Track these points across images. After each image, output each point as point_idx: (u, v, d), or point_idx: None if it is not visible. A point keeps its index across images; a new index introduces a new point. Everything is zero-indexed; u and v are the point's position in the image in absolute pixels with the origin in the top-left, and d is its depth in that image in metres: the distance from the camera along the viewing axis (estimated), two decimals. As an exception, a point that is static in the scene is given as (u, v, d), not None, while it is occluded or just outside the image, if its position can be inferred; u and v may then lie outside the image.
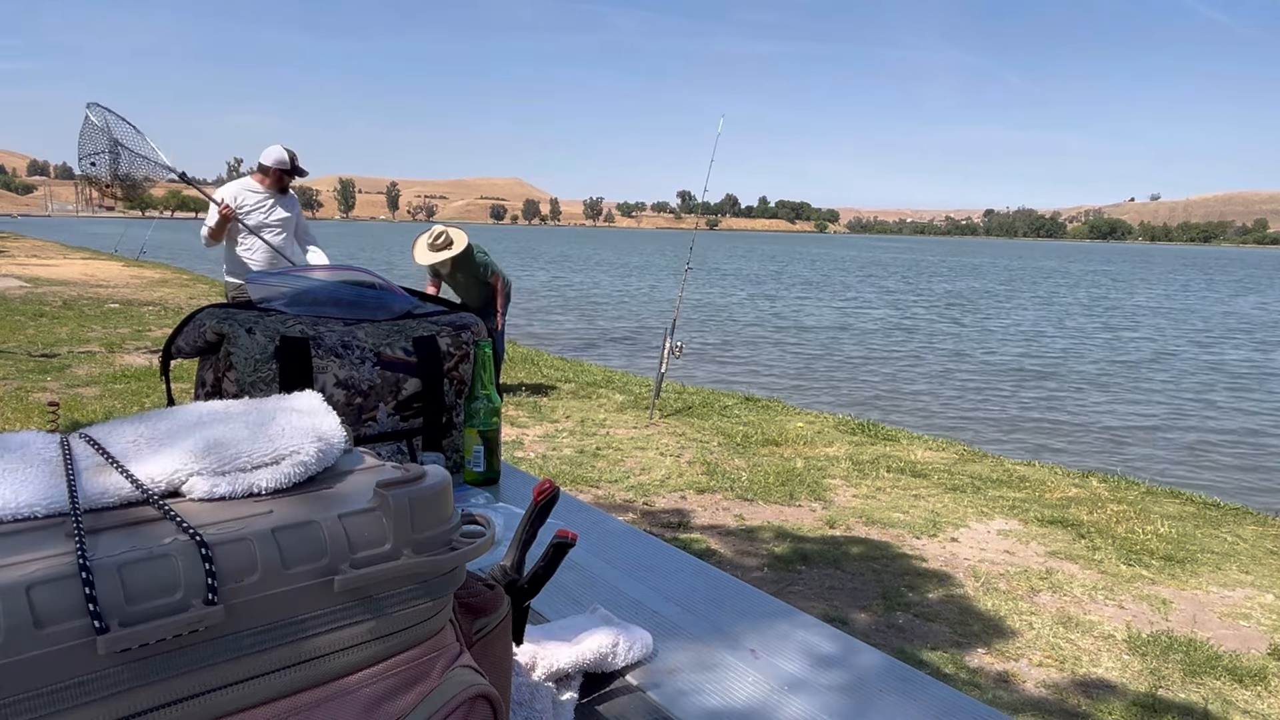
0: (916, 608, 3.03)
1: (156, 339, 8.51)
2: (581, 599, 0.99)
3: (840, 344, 12.70)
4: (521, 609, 0.67)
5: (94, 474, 0.49)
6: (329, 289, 1.28)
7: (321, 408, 0.59)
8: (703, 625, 0.94)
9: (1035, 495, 4.47)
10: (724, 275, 29.21)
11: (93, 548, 0.42)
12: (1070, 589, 3.24)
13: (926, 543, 3.70)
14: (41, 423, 4.88)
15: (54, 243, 32.23)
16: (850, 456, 5.07)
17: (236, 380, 1.12)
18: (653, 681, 0.82)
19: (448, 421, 1.31)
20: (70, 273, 17.06)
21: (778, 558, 3.46)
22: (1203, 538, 3.90)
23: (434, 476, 0.53)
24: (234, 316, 1.14)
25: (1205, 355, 12.87)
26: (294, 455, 0.52)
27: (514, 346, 7.14)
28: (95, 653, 0.40)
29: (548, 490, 0.68)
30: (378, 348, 1.22)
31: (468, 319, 1.35)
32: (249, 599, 0.44)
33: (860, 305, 20.00)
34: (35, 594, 0.39)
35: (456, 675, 0.52)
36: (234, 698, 0.44)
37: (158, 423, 0.56)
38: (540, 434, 5.38)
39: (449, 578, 0.53)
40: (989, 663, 2.67)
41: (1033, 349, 12.88)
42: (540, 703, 0.74)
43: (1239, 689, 2.55)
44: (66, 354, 7.42)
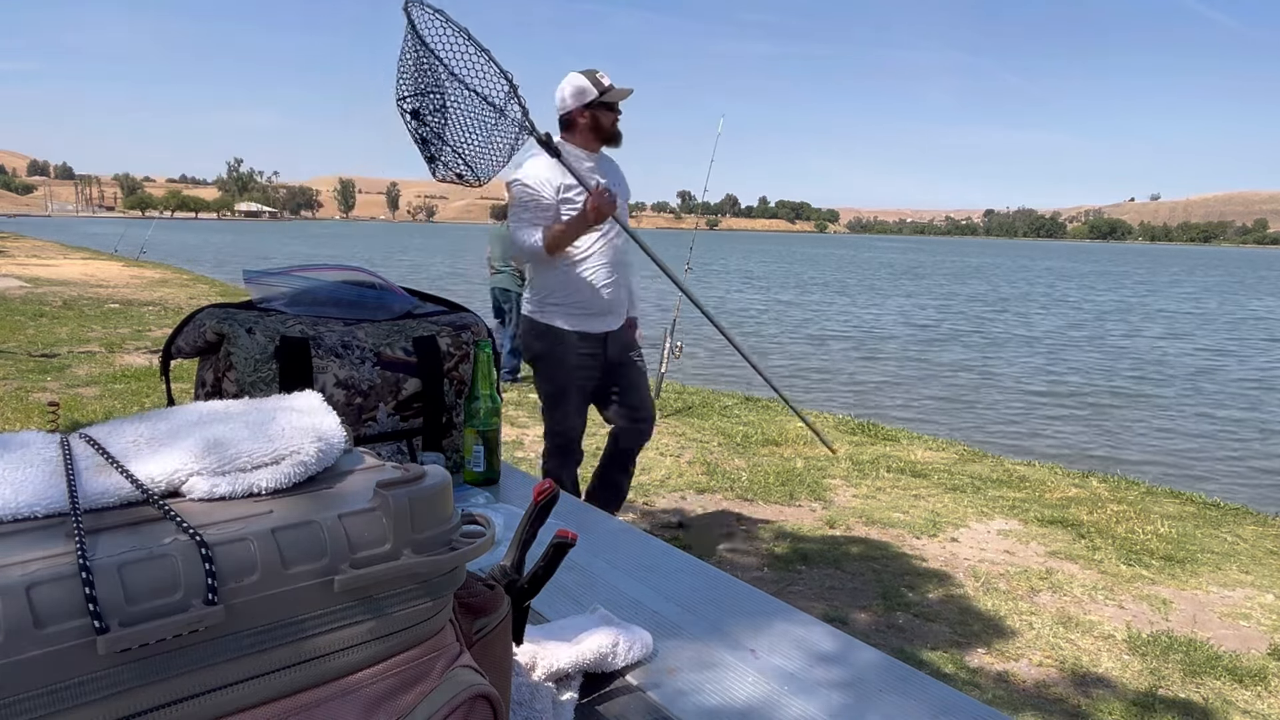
0: (916, 608, 3.03)
1: (156, 339, 8.51)
2: (581, 599, 0.99)
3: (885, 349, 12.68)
4: (521, 609, 0.67)
5: (94, 474, 0.49)
6: (329, 289, 1.28)
7: (321, 408, 0.59)
8: (703, 625, 0.94)
9: (1035, 495, 4.47)
10: (726, 275, 29.27)
11: (93, 548, 0.42)
12: (1070, 589, 3.24)
13: (926, 543, 3.70)
14: (41, 423, 4.88)
15: (54, 243, 32.22)
16: (850, 456, 5.07)
17: (236, 380, 1.12)
18: (653, 681, 0.82)
19: (448, 421, 1.31)
20: (70, 273, 17.06)
21: (778, 558, 3.46)
22: (1203, 538, 3.90)
23: (434, 476, 0.53)
24: (234, 316, 1.14)
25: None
26: (294, 455, 0.52)
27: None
28: (95, 653, 0.40)
29: (548, 490, 0.68)
30: (378, 348, 1.22)
31: (468, 319, 1.35)
32: (249, 599, 0.44)
33: (878, 309, 19.98)
34: (35, 594, 0.39)
35: (456, 675, 0.52)
36: (234, 698, 0.44)
37: (158, 423, 0.56)
38: (540, 434, 5.38)
39: (449, 578, 0.53)
40: (989, 663, 2.67)
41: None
42: (540, 703, 0.74)
43: (1239, 689, 2.55)
44: (66, 354, 7.42)
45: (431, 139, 2.44)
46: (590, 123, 2.81)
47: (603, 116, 2.81)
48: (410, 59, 2.41)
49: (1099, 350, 12.85)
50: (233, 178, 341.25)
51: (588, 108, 2.79)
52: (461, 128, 2.44)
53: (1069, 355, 12.15)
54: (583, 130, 2.82)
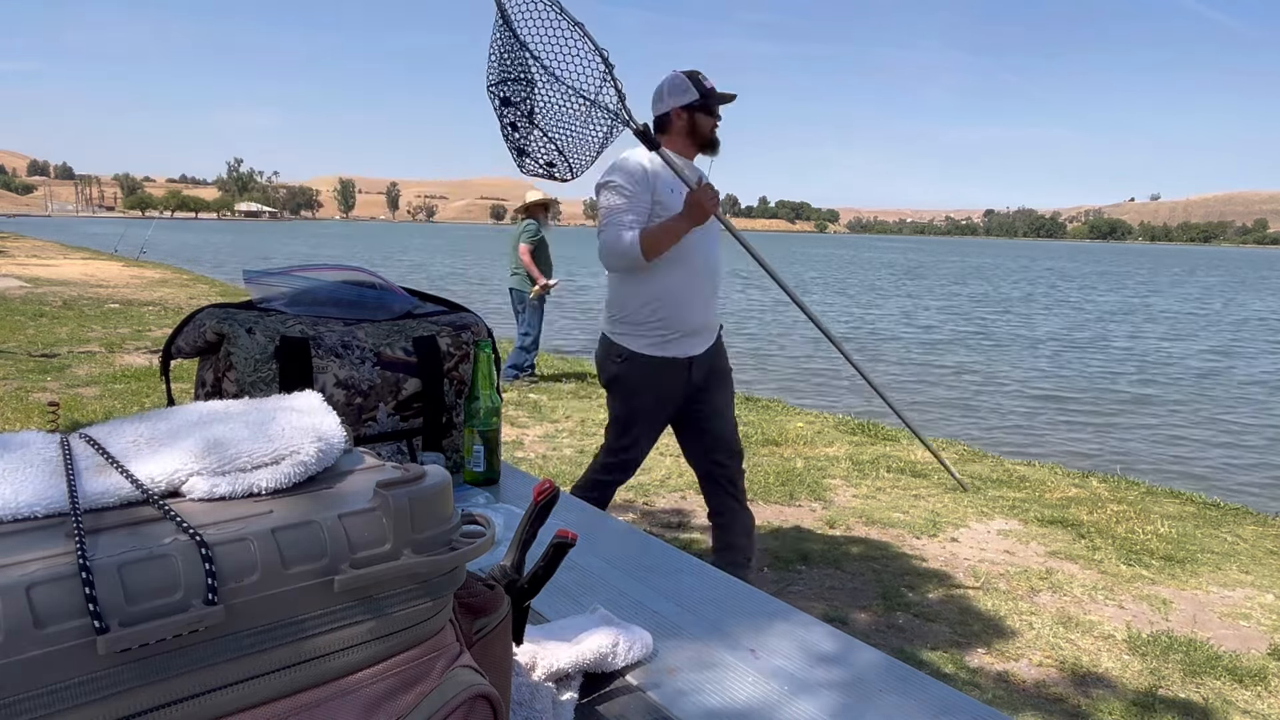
0: (916, 608, 3.03)
1: (156, 339, 8.51)
2: (581, 599, 0.99)
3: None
4: (521, 609, 0.67)
5: (94, 474, 0.49)
6: (329, 289, 1.28)
7: (321, 408, 0.59)
8: (703, 625, 0.94)
9: (1035, 495, 4.47)
10: (726, 275, 29.07)
11: (93, 548, 0.42)
12: (1070, 589, 3.24)
13: (926, 543, 3.70)
14: (41, 423, 4.88)
15: (54, 243, 32.23)
16: (850, 456, 5.07)
17: (236, 380, 1.12)
18: (653, 681, 0.82)
19: (448, 421, 1.31)
20: (70, 273, 17.06)
21: (778, 558, 3.46)
22: (1203, 538, 3.90)
23: (434, 476, 0.53)
24: (234, 316, 1.14)
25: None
26: (294, 455, 0.52)
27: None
28: (95, 653, 0.40)
29: (548, 490, 0.68)
30: (378, 348, 1.22)
31: (468, 319, 1.35)
32: (249, 599, 0.44)
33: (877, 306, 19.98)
34: (35, 594, 0.39)
35: (456, 675, 0.52)
36: (234, 698, 0.44)
37: (158, 423, 0.56)
38: (540, 434, 5.38)
39: (449, 578, 0.53)
40: (989, 663, 2.67)
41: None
42: (540, 703, 0.74)
43: (1239, 689, 2.55)
44: (66, 354, 7.42)
45: (521, 124, 2.30)
46: (687, 125, 2.60)
47: (701, 120, 2.60)
48: (499, 40, 2.27)
49: (1101, 351, 12.85)
50: (233, 178, 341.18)
51: (686, 109, 2.59)
52: (552, 115, 2.30)
53: (1072, 357, 12.15)
54: (678, 133, 2.61)
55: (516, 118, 2.29)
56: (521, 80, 2.28)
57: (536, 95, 2.28)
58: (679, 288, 2.55)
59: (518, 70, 2.27)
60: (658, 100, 2.62)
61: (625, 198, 2.49)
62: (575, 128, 2.32)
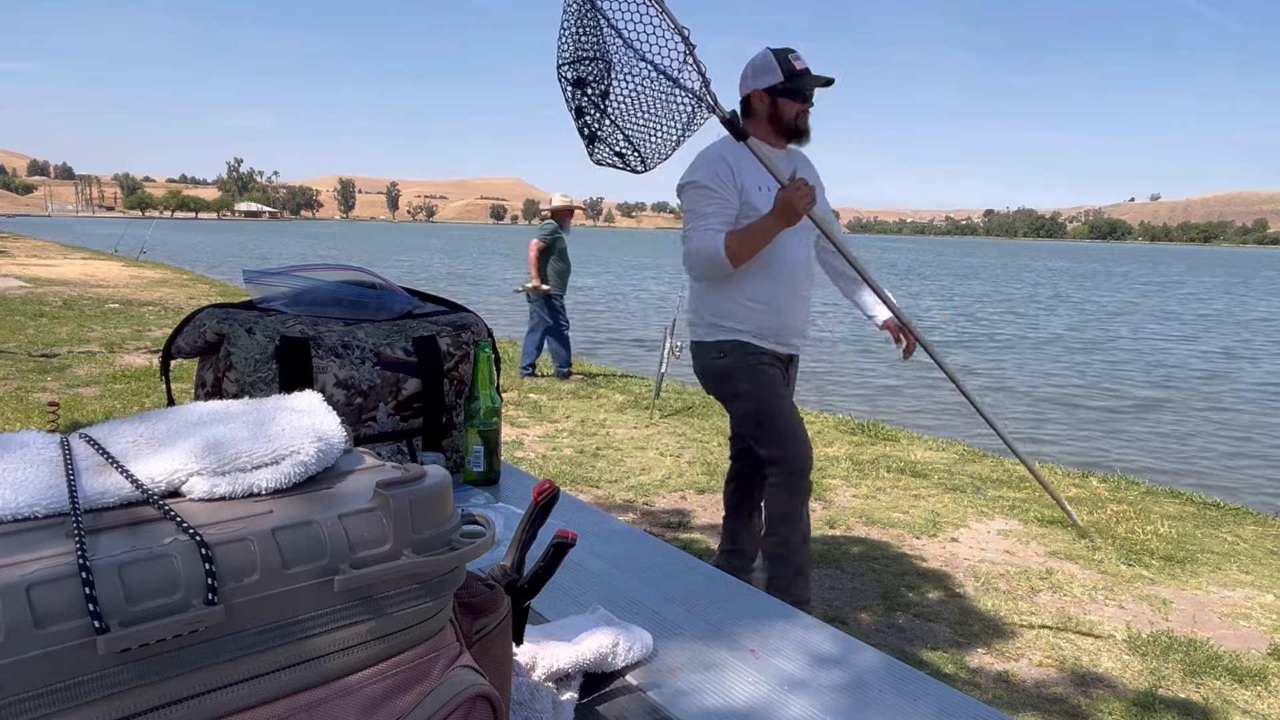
0: (916, 608, 3.03)
1: (156, 339, 8.51)
2: (581, 599, 0.99)
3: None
4: (521, 609, 0.67)
5: (94, 474, 0.49)
6: (329, 289, 1.28)
7: (321, 408, 0.59)
8: (703, 625, 0.94)
9: (1035, 495, 4.46)
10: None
11: (93, 548, 0.42)
12: (1070, 589, 3.24)
13: (926, 543, 3.70)
14: (41, 423, 4.88)
15: (54, 243, 32.23)
16: (850, 456, 5.07)
17: (236, 380, 1.12)
18: (653, 681, 0.82)
19: (448, 421, 1.31)
20: (70, 273, 17.06)
21: (778, 558, 3.46)
22: (1203, 538, 3.90)
23: (434, 476, 0.53)
24: (234, 317, 1.14)
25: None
26: (294, 455, 0.52)
27: (513, 345, 7.16)
28: (95, 653, 0.40)
29: (548, 490, 0.68)
30: (378, 348, 1.22)
31: (468, 319, 1.35)
32: (249, 599, 0.44)
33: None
34: (35, 594, 0.39)
35: (456, 675, 0.52)
36: (234, 698, 0.44)
37: (158, 423, 0.56)
38: (540, 434, 5.38)
39: (449, 578, 0.53)
40: (989, 663, 2.67)
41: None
42: (540, 703, 0.74)
43: (1239, 689, 2.55)
44: (66, 354, 7.42)
45: (591, 109, 2.10)
46: (769, 110, 2.34)
47: (785, 106, 2.33)
48: (573, 15, 2.07)
49: (1105, 352, 12.85)
50: (233, 178, 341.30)
51: (769, 92, 2.32)
52: (631, 98, 2.08)
53: (1073, 357, 12.14)
54: (761, 119, 2.36)
55: (589, 100, 2.10)
56: (598, 59, 2.08)
57: (614, 75, 2.07)
58: (768, 292, 2.38)
59: (594, 48, 2.07)
60: (742, 82, 2.39)
61: (710, 199, 2.29)
62: (656, 113, 2.10)
